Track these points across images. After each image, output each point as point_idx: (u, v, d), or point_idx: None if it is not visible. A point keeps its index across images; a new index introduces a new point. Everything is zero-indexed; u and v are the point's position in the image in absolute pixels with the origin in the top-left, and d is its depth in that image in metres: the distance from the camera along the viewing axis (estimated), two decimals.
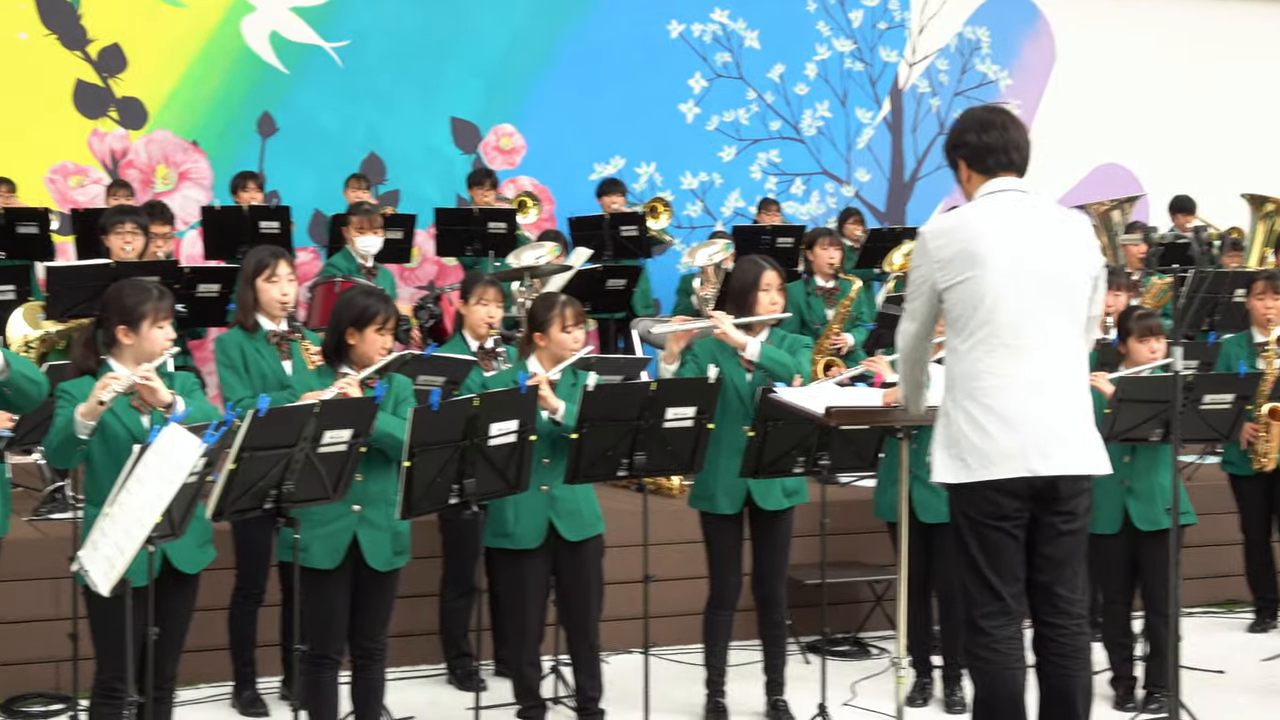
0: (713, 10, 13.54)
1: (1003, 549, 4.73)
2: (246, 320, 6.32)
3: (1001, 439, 4.68)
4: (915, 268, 4.86)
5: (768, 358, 6.33)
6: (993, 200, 4.83)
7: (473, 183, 11.70)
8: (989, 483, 4.69)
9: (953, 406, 4.79)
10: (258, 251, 6.44)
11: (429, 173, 12.40)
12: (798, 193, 13.87)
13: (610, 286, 10.02)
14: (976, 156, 4.86)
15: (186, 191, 11.98)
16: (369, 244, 9.12)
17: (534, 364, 6.11)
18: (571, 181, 12.86)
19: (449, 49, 12.71)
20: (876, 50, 14.17)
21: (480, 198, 11.48)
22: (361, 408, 5.18)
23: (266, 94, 12.22)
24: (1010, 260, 4.72)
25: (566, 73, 12.99)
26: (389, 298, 5.75)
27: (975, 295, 4.71)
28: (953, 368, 4.82)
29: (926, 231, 4.86)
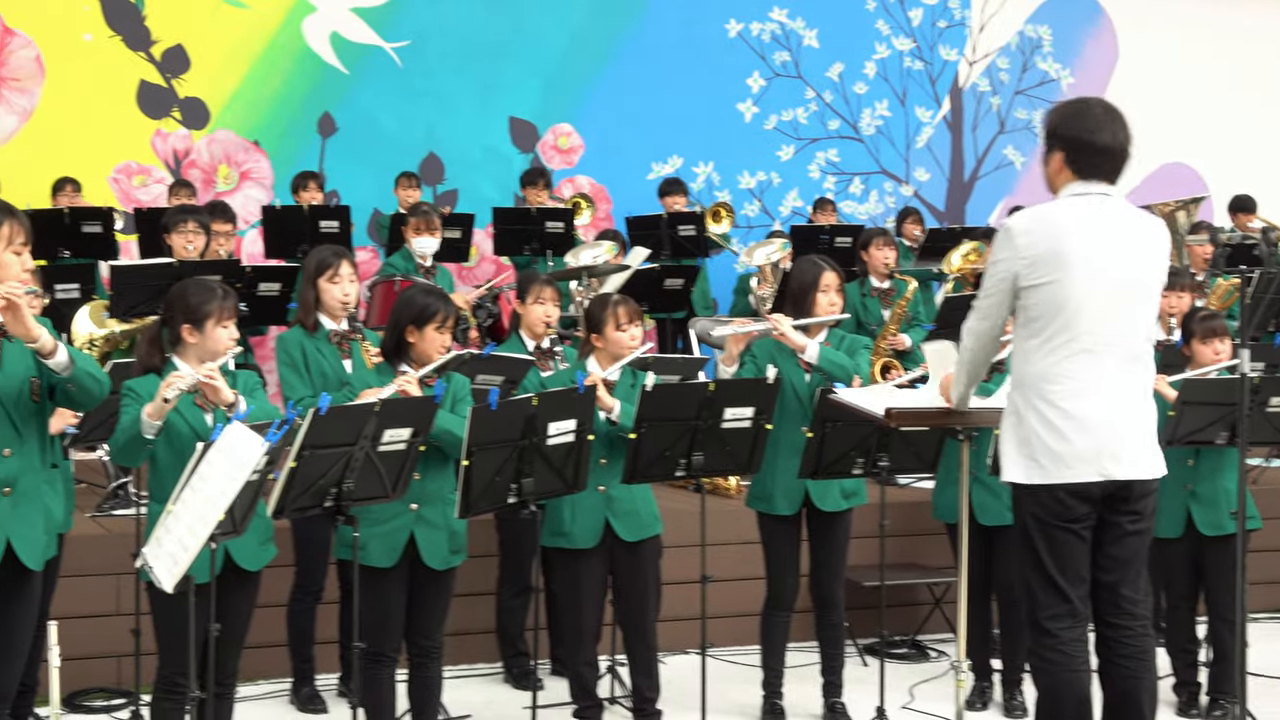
0: (771, 9, 13.52)
1: (1071, 550, 4.70)
2: (308, 319, 6.35)
3: (1077, 442, 4.65)
4: (998, 261, 4.76)
5: (826, 360, 6.31)
6: (1080, 201, 4.74)
7: (526, 182, 11.73)
8: (1062, 485, 4.66)
9: (1025, 407, 4.74)
10: (320, 251, 6.47)
11: (487, 172, 12.44)
12: (856, 192, 13.83)
13: (668, 286, 10.02)
14: (1079, 155, 4.75)
15: (248, 191, 12.08)
16: (426, 245, 9.16)
17: (592, 364, 6.11)
18: (629, 181, 12.88)
19: (507, 49, 12.74)
20: (936, 49, 14.10)
21: (534, 197, 11.51)
22: (421, 407, 5.20)
23: (327, 94, 12.29)
24: (1095, 265, 4.67)
25: (625, 72, 13.00)
26: (448, 296, 5.77)
27: (1058, 298, 4.66)
28: (1025, 368, 4.76)
29: (1014, 226, 4.75)
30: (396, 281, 8.71)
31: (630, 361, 6.08)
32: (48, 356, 4.46)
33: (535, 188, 11.62)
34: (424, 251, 9.15)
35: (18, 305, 4.32)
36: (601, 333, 6.09)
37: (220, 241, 9.26)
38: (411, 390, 5.44)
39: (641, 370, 6.11)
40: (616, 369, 6.04)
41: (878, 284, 9.67)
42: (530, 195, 11.58)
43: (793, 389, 6.37)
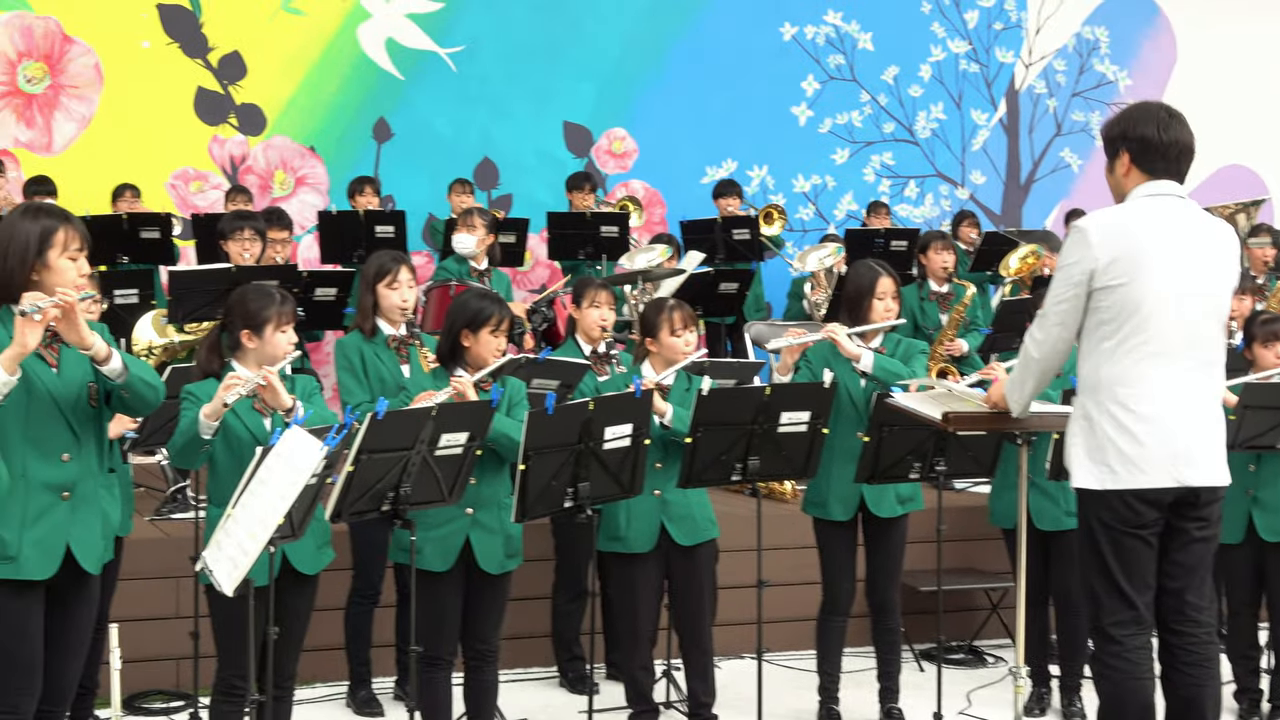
0: (826, 12, 13.49)
1: (1138, 557, 4.66)
2: (366, 325, 6.38)
3: (1152, 446, 4.61)
4: (1073, 263, 4.69)
5: (881, 369, 6.31)
6: (1155, 203, 4.71)
7: (572, 185, 11.70)
8: (1133, 490, 4.63)
9: (1097, 411, 4.69)
10: (379, 257, 6.51)
11: (541, 177, 12.46)
12: (911, 195, 13.78)
13: (722, 290, 10.01)
14: (1148, 155, 4.71)
15: (303, 196, 12.15)
16: (462, 243, 9.15)
17: (646, 368, 6.13)
18: (683, 184, 12.87)
19: (561, 53, 12.77)
20: (992, 51, 14.03)
21: (579, 201, 11.50)
22: (478, 411, 5.22)
23: (382, 100, 12.35)
24: (1171, 269, 4.64)
25: (678, 76, 13.00)
26: (503, 300, 5.79)
27: (1133, 301, 4.62)
28: (1096, 371, 4.71)
29: (1088, 227, 4.69)
30: (451, 286, 8.74)
31: (684, 366, 6.09)
32: (102, 363, 4.50)
33: (581, 191, 11.61)
34: (463, 250, 9.18)
35: (71, 311, 4.36)
36: (656, 337, 6.10)
37: (276, 247, 9.31)
38: (467, 394, 5.46)
39: (697, 374, 6.12)
40: (671, 373, 6.06)
41: (936, 288, 9.64)
42: (576, 199, 11.57)
43: (848, 393, 6.36)
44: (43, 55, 11.68)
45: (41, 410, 4.47)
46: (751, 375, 7.50)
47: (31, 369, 4.44)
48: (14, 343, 4.33)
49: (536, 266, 12.51)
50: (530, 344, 9.00)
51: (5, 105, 11.57)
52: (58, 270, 4.47)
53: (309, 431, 4.64)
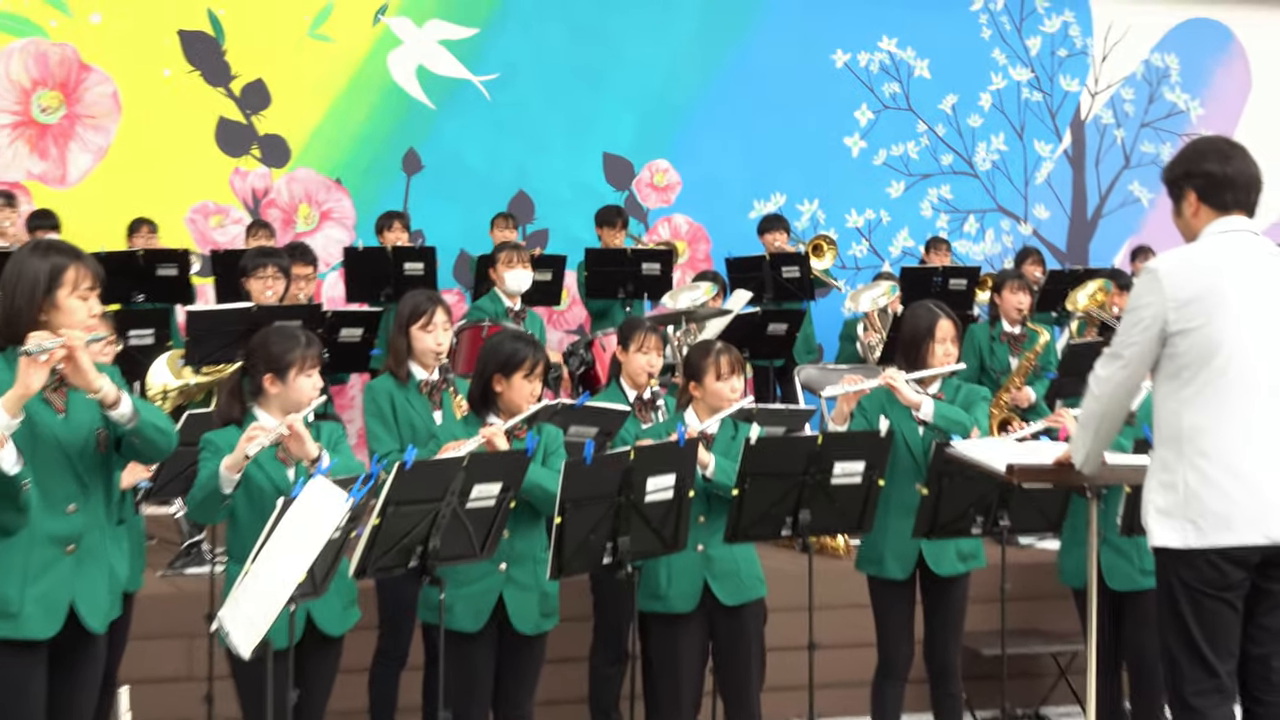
0: (880, 38, 13.49)
1: (1222, 621, 4.58)
2: (398, 369, 6.37)
3: (1242, 501, 4.53)
4: (1144, 306, 4.65)
5: (942, 417, 6.27)
6: (1228, 240, 4.67)
7: (603, 221, 11.60)
8: (1220, 550, 4.54)
9: (1178, 463, 4.61)
10: (413, 297, 6.50)
11: (579, 211, 12.45)
12: (971, 231, 13.73)
13: (771, 331, 9.97)
14: (1215, 190, 4.70)
15: (329, 231, 12.19)
16: (518, 279, 9.17)
17: (691, 416, 6.10)
18: (729, 219, 12.87)
19: (601, 81, 12.80)
20: (1056, 79, 14.00)
21: (610, 238, 11.46)
22: (512, 460, 5.19)
23: (412, 130, 12.39)
24: (1249, 308, 4.59)
25: (724, 105, 13.01)
26: (538, 342, 5.78)
27: (1212, 343, 4.57)
28: (1176, 419, 4.64)
29: (1161, 269, 4.65)
30: (484, 326, 8.74)
31: (731, 414, 6.06)
32: (111, 407, 4.48)
33: (613, 227, 11.51)
34: (516, 287, 9.18)
35: (77, 354, 4.34)
36: (701, 382, 6.08)
37: (300, 285, 9.33)
38: (498, 442, 5.44)
39: (744, 422, 6.09)
40: (715, 421, 6.02)
41: (1009, 329, 9.60)
42: (607, 236, 11.51)
43: (905, 443, 6.32)
44: (58, 84, 11.76)
45: (47, 458, 4.46)
46: (802, 423, 7.45)
47: (37, 414, 4.43)
48: (17, 384, 4.32)
49: (574, 305, 12.51)
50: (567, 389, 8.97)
51: (18, 136, 11.66)
52: (67, 310, 4.47)
53: (334, 482, 4.62)
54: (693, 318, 9.25)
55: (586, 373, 9.35)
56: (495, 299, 9.32)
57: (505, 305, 9.24)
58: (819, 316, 11.82)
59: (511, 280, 9.21)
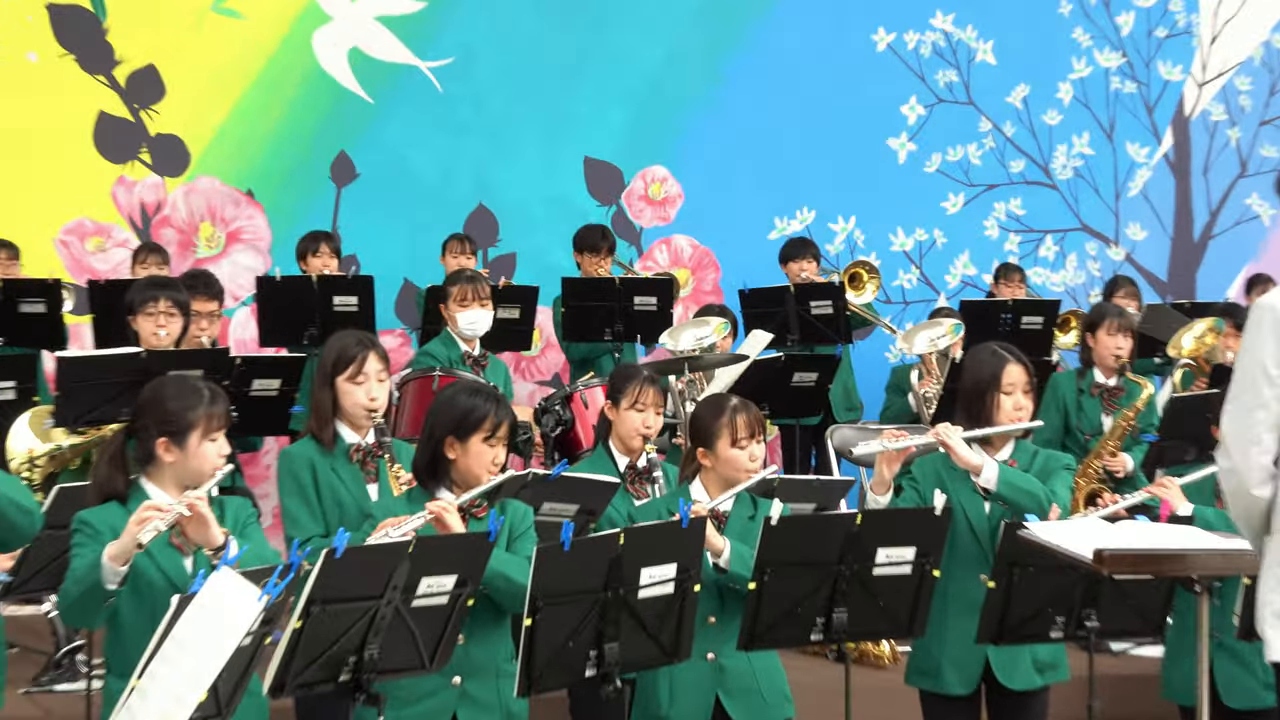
0: (932, 15, 13.56)
1: None
2: (322, 431, 6.37)
3: None
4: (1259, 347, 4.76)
5: (1010, 486, 6.29)
6: None
7: (582, 245, 11.60)
8: None
9: None
10: (342, 340, 6.51)
11: (555, 231, 12.48)
12: (1048, 255, 13.77)
13: (798, 382, 9.98)
14: None
15: (238, 257, 12.21)
16: (473, 321, 9.18)
17: (697, 489, 6.11)
18: (744, 242, 12.91)
19: (582, 68, 12.86)
20: (1154, 65, 14.07)
21: (592, 267, 11.45)
22: (469, 546, 5.19)
23: (344, 128, 12.43)
24: None
25: (737, 98, 13.07)
26: (502, 397, 5.78)
27: None
28: None
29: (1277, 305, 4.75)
30: (434, 377, 8.74)
31: (749, 487, 6.07)
32: None
33: (596, 254, 11.49)
34: (471, 330, 9.19)
35: None
36: (712, 448, 6.09)
37: (202, 324, 9.32)
38: (451, 522, 5.44)
39: (764, 497, 6.09)
40: (730, 497, 6.03)
41: (1103, 380, 9.62)
42: (587, 264, 11.51)
43: (967, 522, 6.35)
44: None
45: None
46: (837, 498, 7.46)
47: None
48: None
49: (548, 350, 12.51)
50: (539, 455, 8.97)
51: None
52: None
53: (243, 575, 4.61)
54: (699, 365, 9.26)
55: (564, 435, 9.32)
56: (448, 342, 9.32)
57: (461, 350, 9.24)
58: (860, 363, 11.83)
59: (465, 322, 9.21)
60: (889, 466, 6.45)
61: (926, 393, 10.33)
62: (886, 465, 6.45)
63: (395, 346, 11.78)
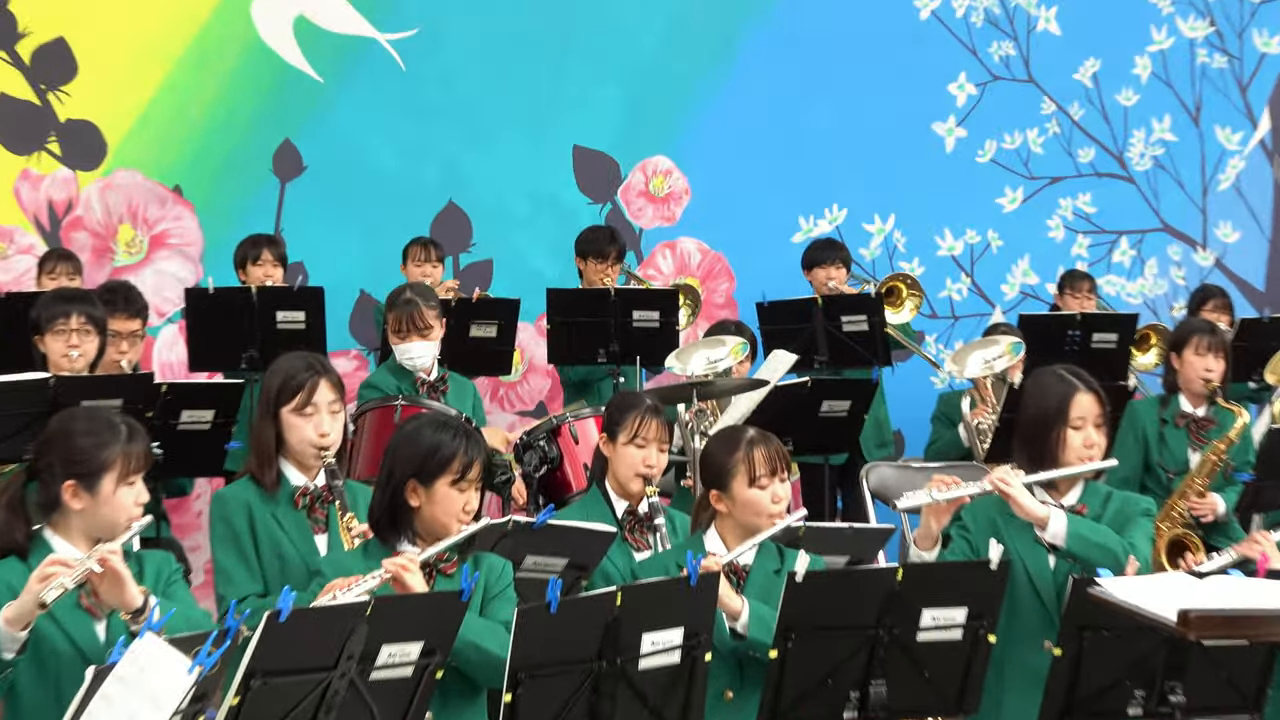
0: None
1: None
2: (263, 472, 6.38)
3: None
4: None
5: (1080, 540, 6.32)
6: None
7: (587, 249, 11.64)
8: None
9: None
10: (287, 364, 6.51)
11: (540, 234, 12.52)
12: (1124, 261, 13.79)
13: (827, 412, 9.97)
14: None
15: (164, 265, 12.20)
16: (411, 356, 9.16)
17: (711, 539, 6.12)
18: (763, 246, 12.95)
19: (571, 42, 12.88)
20: (1247, 35, 14.10)
21: (597, 275, 11.48)
22: (438, 609, 5.18)
23: (289, 113, 12.45)
24: None
25: (754, 77, 13.11)
26: (475, 431, 5.78)
27: None
28: None
29: None
30: (398, 407, 8.74)
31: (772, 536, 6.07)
32: None
33: (603, 260, 11.52)
34: (411, 364, 9.18)
35: None
36: (727, 490, 6.11)
37: (121, 346, 9.33)
38: (413, 581, 5.45)
39: (790, 548, 6.09)
40: (750, 548, 6.03)
41: (1189, 408, 9.60)
42: (593, 272, 11.55)
43: (1028, 578, 6.39)
44: None
45: None
46: (874, 549, 7.46)
47: None
48: None
49: (531, 374, 12.51)
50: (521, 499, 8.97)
51: None
52: None
53: (169, 642, 4.60)
54: (711, 392, 9.25)
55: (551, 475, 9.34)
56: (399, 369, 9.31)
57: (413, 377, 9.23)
58: (897, 390, 11.83)
59: (402, 355, 9.20)
60: (937, 520, 6.48)
61: (980, 424, 10.31)
62: (935, 518, 6.48)
63: (350, 371, 11.78)
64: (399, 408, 8.73)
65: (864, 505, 10.12)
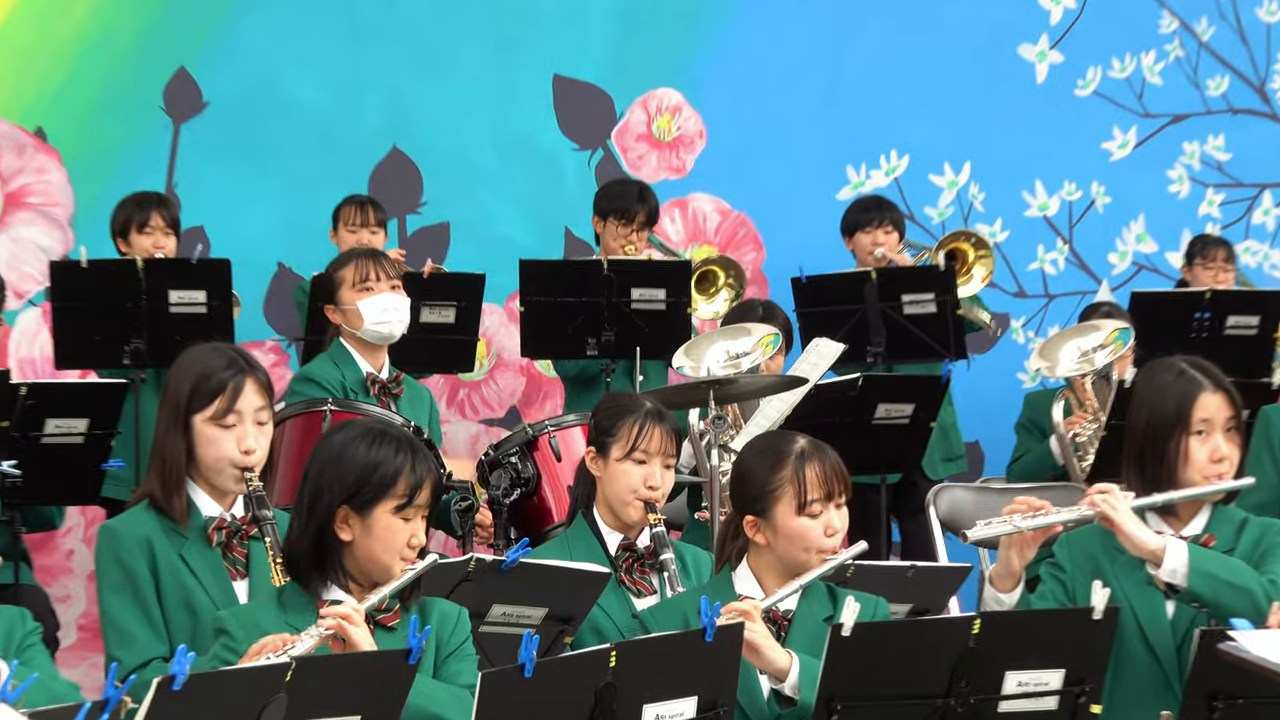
0: None
1: None
2: (168, 498, 6.37)
3: None
4: None
5: (1207, 578, 6.33)
6: None
7: (608, 208, 11.69)
8: None
9: None
10: (200, 360, 6.49)
11: (509, 190, 12.55)
12: (1266, 223, 13.79)
13: (883, 418, 10.01)
14: None
15: (21, 231, 12.22)
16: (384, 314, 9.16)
17: (743, 578, 6.14)
18: (799, 203, 13.00)
19: None
20: None
21: (618, 242, 11.56)
22: (379, 673, 5.21)
23: (183, 35, 12.46)
24: None
25: None
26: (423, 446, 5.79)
27: None
28: None
29: None
30: (326, 413, 8.75)
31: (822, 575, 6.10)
32: None
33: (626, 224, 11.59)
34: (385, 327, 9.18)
35: None
36: (767, 516, 6.12)
37: None
38: (357, 638, 5.47)
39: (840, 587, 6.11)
40: (794, 591, 6.04)
41: None
42: (612, 238, 11.62)
43: (1139, 630, 6.43)
44: None
45: None
46: (944, 595, 7.50)
47: None
48: None
49: (500, 370, 12.53)
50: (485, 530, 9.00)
51: None
52: None
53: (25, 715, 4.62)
54: (733, 394, 9.26)
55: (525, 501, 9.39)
56: (342, 358, 9.32)
57: (362, 371, 9.25)
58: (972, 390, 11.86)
59: (373, 316, 9.20)
60: (1020, 554, 6.47)
61: (1077, 434, 10.35)
62: (1016, 552, 6.47)
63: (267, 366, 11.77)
64: (328, 413, 8.72)
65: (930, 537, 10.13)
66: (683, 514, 9.05)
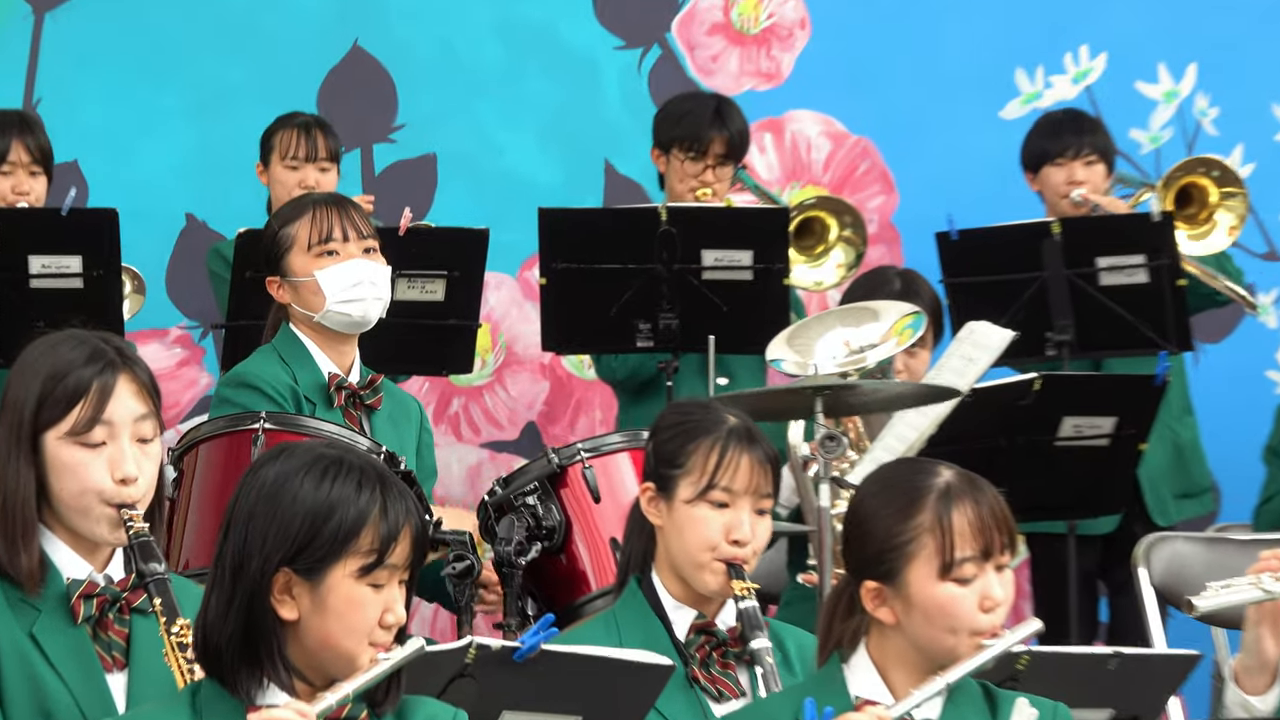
0: None
1: None
2: (12, 556, 6.35)
3: None
4: None
5: None
6: None
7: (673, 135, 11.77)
8: None
9: None
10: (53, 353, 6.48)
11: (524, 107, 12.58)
12: None
13: (1069, 437, 9.98)
14: None
15: None
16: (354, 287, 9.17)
17: (861, 671, 6.10)
18: (947, 127, 12.97)
19: None
20: None
21: (686, 183, 11.52)
22: None
23: None
24: None
25: None
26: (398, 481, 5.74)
27: None
28: None
29: None
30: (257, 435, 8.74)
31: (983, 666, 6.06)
32: None
33: (699, 156, 11.61)
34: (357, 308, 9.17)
35: None
36: (895, 584, 6.05)
37: None
38: None
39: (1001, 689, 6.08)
40: (935, 692, 6.00)
41: None
42: (678, 177, 11.61)
43: None
44: None
45: None
46: (1163, 694, 7.47)
47: None
48: None
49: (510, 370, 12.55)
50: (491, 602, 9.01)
51: None
52: None
53: None
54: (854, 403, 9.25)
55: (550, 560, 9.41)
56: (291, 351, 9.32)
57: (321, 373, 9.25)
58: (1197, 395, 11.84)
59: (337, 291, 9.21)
60: (1275, 633, 6.45)
61: None
62: (1271, 630, 6.46)
63: (171, 366, 11.84)
64: (260, 434, 8.71)
65: (1140, 610, 10.09)
66: (781, 577, 9.03)
